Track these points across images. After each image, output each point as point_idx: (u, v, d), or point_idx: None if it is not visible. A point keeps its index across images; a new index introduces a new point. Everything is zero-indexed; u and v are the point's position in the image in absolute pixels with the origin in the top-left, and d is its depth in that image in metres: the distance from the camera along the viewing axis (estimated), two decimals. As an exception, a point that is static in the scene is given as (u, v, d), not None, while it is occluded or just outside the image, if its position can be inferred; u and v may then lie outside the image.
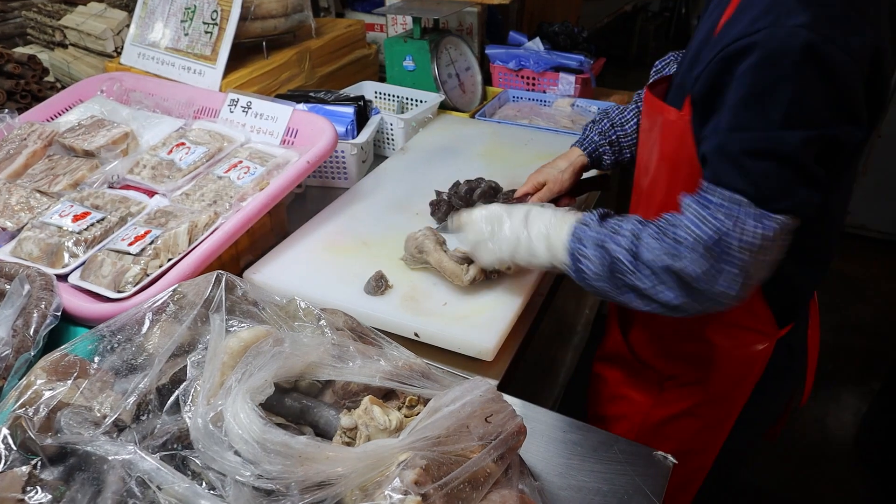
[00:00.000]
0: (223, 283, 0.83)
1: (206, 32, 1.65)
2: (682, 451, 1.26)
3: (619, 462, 1.00)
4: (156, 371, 0.72)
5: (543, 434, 1.05)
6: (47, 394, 0.70)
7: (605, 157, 1.42)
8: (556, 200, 1.41)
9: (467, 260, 1.20)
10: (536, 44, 2.11)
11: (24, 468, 0.62)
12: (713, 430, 1.26)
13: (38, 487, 0.61)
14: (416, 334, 1.14)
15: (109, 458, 0.61)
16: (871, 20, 0.89)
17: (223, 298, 0.81)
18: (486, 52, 2.15)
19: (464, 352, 1.11)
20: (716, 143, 0.92)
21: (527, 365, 1.77)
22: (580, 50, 2.12)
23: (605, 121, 1.41)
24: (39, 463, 0.64)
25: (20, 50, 2.13)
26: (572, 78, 2.05)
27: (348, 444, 0.71)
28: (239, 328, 0.81)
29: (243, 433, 0.62)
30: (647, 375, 1.31)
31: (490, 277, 1.22)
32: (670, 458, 0.99)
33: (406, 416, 0.79)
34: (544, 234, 1.07)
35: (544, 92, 2.12)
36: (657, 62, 1.41)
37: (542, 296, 1.31)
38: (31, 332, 0.98)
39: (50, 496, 0.61)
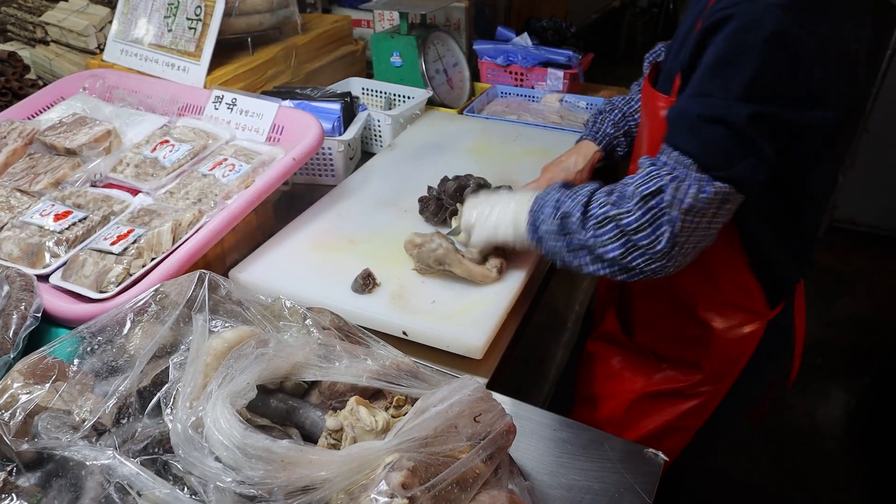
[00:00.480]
0: (206, 283, 0.81)
1: (190, 28, 1.63)
2: (666, 428, 1.29)
3: (610, 460, 0.99)
4: (136, 373, 0.71)
5: (533, 433, 1.04)
6: (24, 397, 0.68)
7: (619, 149, 1.43)
8: None
9: (484, 257, 1.22)
10: (524, 39, 2.10)
11: (-1, 474, 0.61)
12: (699, 410, 1.28)
13: (13, 494, 0.60)
14: (404, 333, 1.13)
15: (88, 463, 0.60)
16: (853, 14, 0.90)
17: (206, 298, 0.80)
18: (474, 47, 2.14)
19: (452, 350, 1.10)
20: (678, 107, 0.96)
21: (516, 362, 1.76)
22: (568, 45, 2.11)
23: (616, 111, 1.41)
24: (15, 469, 0.63)
25: (0, 47, 2.09)
26: (560, 73, 2.04)
27: (333, 447, 0.69)
28: (223, 329, 0.79)
29: (223, 439, 0.61)
30: (644, 356, 1.32)
31: (507, 258, 1.23)
32: (661, 455, 0.99)
33: (393, 417, 0.77)
34: (513, 209, 1.14)
35: (532, 88, 2.11)
36: (647, 55, 1.40)
37: (531, 292, 1.31)
38: (11, 335, 0.96)
39: (26, 503, 0.60)
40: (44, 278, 1.12)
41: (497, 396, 0.88)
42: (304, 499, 0.59)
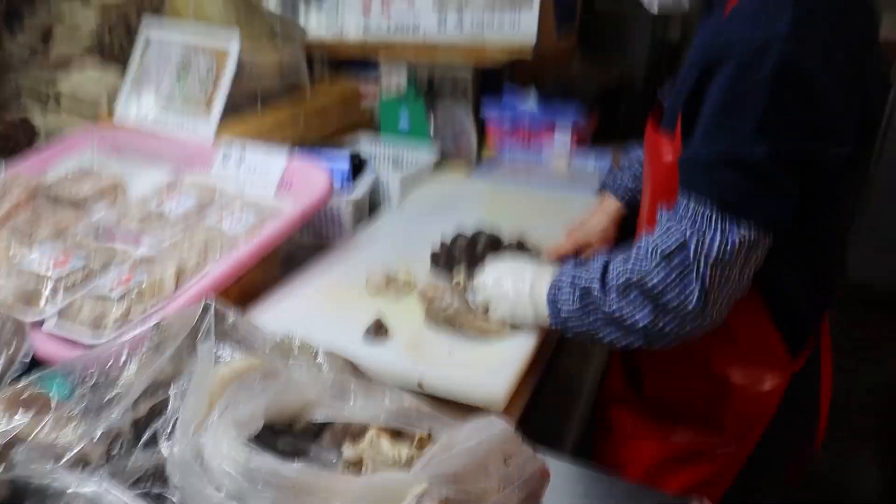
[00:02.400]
0: (212, 311, 0.75)
1: (202, 91, 1.64)
2: (692, 489, 1.17)
3: (651, 516, 0.90)
4: (130, 400, 0.63)
5: (563, 489, 0.95)
6: (2, 427, 0.61)
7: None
8: None
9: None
10: (531, 103, 2.13)
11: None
12: (724, 470, 1.17)
13: (-18, 535, 0.52)
14: (419, 385, 1.05)
15: (69, 490, 0.52)
16: (860, 32, 0.89)
17: (212, 327, 0.74)
18: (482, 115, 2.16)
19: (471, 401, 1.02)
20: (689, 154, 0.92)
21: (532, 429, 1.66)
22: (575, 107, 2.14)
23: (637, 165, 1.38)
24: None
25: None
26: (568, 134, 2.06)
27: (352, 481, 0.61)
28: (230, 359, 0.72)
29: (225, 465, 0.53)
30: (657, 416, 1.23)
31: None
32: (706, 503, 0.89)
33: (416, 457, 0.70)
34: (528, 292, 1.08)
35: (540, 151, 2.12)
36: (658, 92, 1.41)
37: (550, 346, 1.23)
38: (-4, 380, 0.89)
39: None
40: (38, 325, 1.05)
41: (523, 443, 0.80)
42: (319, 536, 0.51)
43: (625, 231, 1.40)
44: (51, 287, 1.09)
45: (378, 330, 1.12)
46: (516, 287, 1.10)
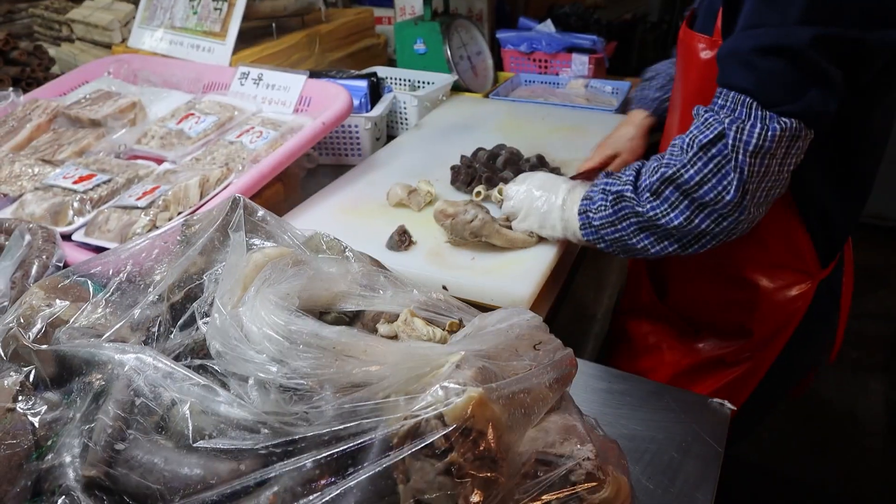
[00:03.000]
0: (241, 205, 0.76)
1: (216, 9, 1.61)
2: (713, 394, 1.19)
3: (673, 410, 0.91)
4: (164, 286, 0.65)
5: (587, 385, 0.97)
6: (46, 310, 0.63)
7: None
8: None
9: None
10: (548, 26, 2.07)
11: (14, 376, 0.54)
12: (743, 380, 1.18)
13: (32, 397, 0.54)
14: (444, 287, 1.06)
15: (114, 357, 0.53)
16: None
17: (242, 219, 0.74)
18: (497, 36, 2.11)
19: (496, 303, 1.03)
20: (729, 45, 0.88)
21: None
22: (592, 31, 2.08)
23: (660, 76, 1.35)
24: (33, 373, 0.57)
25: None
26: (585, 58, 2.01)
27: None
28: (262, 246, 0.73)
29: (266, 328, 0.54)
30: (681, 326, 1.23)
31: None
32: (727, 404, 0.91)
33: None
34: (559, 207, 1.07)
35: (557, 74, 2.07)
36: (646, 70, 1.38)
37: (569, 260, 1.24)
38: (31, 283, 0.91)
39: (45, 406, 0.53)
40: (67, 238, 1.07)
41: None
42: (358, 394, 0.52)
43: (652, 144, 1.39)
44: (77, 200, 1.10)
45: (402, 238, 1.13)
46: (548, 199, 1.08)
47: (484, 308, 1.03)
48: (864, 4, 0.81)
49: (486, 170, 1.36)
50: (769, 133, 0.83)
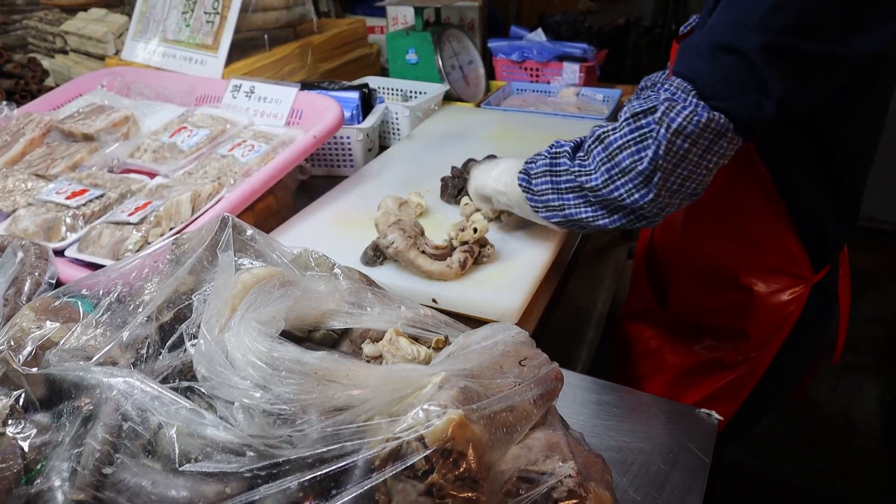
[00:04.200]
0: (230, 225, 0.77)
1: (208, 22, 1.62)
2: (707, 400, 1.22)
3: (661, 422, 0.93)
4: (153, 307, 0.66)
5: (576, 397, 0.98)
6: (36, 332, 0.64)
7: None
8: None
9: (447, 251, 1.10)
10: (538, 35, 2.09)
11: (4, 400, 0.55)
12: (742, 381, 1.21)
13: (22, 420, 0.55)
14: (434, 300, 1.07)
15: (103, 380, 0.54)
16: None
17: (231, 238, 0.75)
18: (489, 45, 2.13)
19: (486, 316, 1.04)
20: (692, 38, 0.91)
21: (545, 350, 1.68)
22: (583, 40, 2.10)
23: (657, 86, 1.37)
24: (23, 396, 0.57)
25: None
26: (577, 66, 2.02)
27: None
28: (251, 266, 0.74)
29: (249, 356, 0.55)
30: (682, 330, 1.26)
31: (480, 261, 1.13)
32: (715, 414, 0.92)
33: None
34: (509, 165, 1.13)
35: (548, 83, 2.09)
36: (644, 79, 1.39)
37: (562, 266, 1.25)
38: (24, 301, 0.92)
39: (35, 429, 0.54)
40: (60, 253, 1.08)
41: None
42: (341, 417, 0.53)
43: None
44: (70, 216, 1.11)
45: (375, 252, 1.13)
46: (497, 174, 1.14)
47: (474, 320, 1.05)
48: (826, 17, 0.82)
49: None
50: (695, 118, 0.85)
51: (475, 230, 1.10)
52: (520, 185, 1.07)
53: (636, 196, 0.92)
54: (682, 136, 0.86)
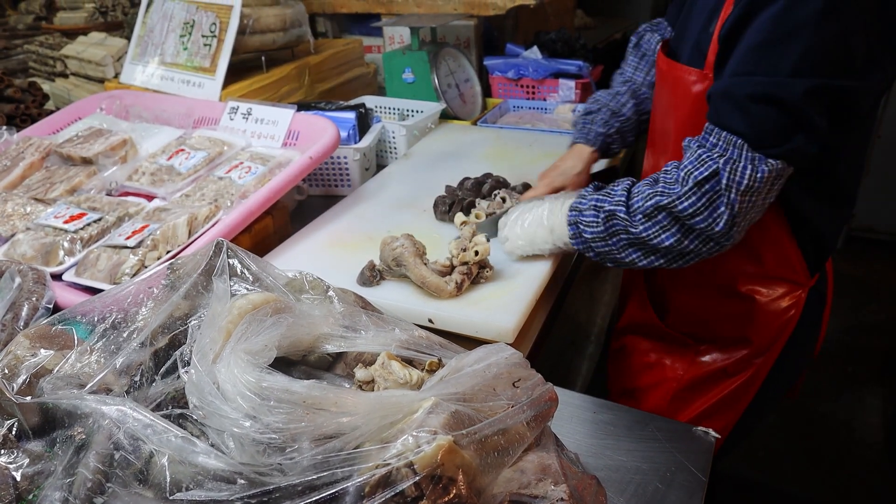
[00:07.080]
0: (225, 250, 0.77)
1: (205, 45, 1.64)
2: (711, 409, 1.23)
3: (658, 440, 0.92)
4: (148, 333, 0.66)
5: (573, 416, 0.98)
6: (30, 360, 0.64)
7: (614, 146, 1.40)
8: None
9: (448, 270, 1.12)
10: (534, 52, 2.11)
11: (-1, 430, 0.56)
12: (745, 387, 1.22)
13: (14, 450, 0.55)
14: (430, 320, 1.08)
15: (96, 408, 0.55)
16: None
17: (226, 264, 0.76)
18: (485, 62, 2.15)
19: (482, 335, 1.05)
20: (722, 86, 0.95)
21: (543, 368, 1.68)
22: (578, 56, 2.12)
23: (604, 110, 1.38)
24: (16, 425, 0.58)
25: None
26: (572, 83, 2.04)
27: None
28: (246, 292, 0.75)
29: (239, 387, 0.56)
30: (683, 341, 1.27)
31: (478, 281, 1.14)
32: (712, 433, 0.92)
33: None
34: (547, 218, 1.14)
35: (544, 100, 2.10)
36: (633, 34, 1.40)
37: (558, 284, 1.25)
38: (21, 326, 0.92)
39: (27, 458, 0.54)
40: (58, 277, 1.08)
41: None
42: (331, 444, 0.53)
43: (594, 176, 1.42)
44: (68, 240, 1.11)
45: (372, 272, 1.13)
46: (535, 216, 1.15)
47: (471, 340, 1.05)
48: (848, 55, 0.87)
49: (470, 194, 1.38)
50: (759, 175, 0.91)
51: (476, 252, 1.11)
52: (576, 248, 1.11)
53: (710, 246, 0.99)
54: (750, 192, 0.93)
